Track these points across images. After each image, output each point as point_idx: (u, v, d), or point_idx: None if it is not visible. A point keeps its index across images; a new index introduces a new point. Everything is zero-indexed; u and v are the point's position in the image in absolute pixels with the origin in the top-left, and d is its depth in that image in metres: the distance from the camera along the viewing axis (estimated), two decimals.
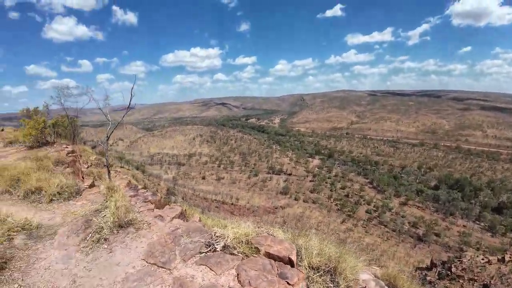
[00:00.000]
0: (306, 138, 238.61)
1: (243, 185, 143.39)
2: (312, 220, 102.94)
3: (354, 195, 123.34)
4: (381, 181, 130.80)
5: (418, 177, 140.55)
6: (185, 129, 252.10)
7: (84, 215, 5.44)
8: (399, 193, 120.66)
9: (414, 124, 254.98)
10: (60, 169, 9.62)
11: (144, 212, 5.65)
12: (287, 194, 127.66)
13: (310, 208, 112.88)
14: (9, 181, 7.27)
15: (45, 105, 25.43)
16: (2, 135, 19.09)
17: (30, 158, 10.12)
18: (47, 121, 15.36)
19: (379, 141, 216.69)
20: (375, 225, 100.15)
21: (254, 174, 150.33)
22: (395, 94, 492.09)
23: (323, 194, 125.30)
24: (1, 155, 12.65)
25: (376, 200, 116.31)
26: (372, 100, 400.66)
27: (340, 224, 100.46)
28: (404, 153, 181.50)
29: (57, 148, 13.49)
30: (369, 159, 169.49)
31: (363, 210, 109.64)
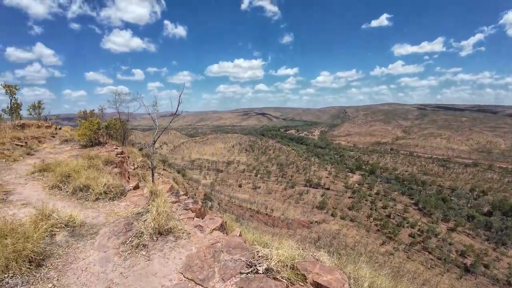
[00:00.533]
0: (347, 152, 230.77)
1: (279, 196, 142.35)
2: (348, 238, 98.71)
3: (396, 216, 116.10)
4: (428, 203, 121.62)
5: (469, 201, 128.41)
6: (225, 137, 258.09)
7: (126, 217, 5.51)
8: (447, 217, 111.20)
9: (467, 142, 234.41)
10: (108, 168, 10.02)
11: (184, 220, 5.58)
12: (324, 209, 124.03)
13: (347, 226, 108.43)
14: (60, 176, 7.60)
15: (100, 108, 27.22)
16: (59, 133, 20.67)
17: (82, 157, 10.68)
18: (101, 123, 16.28)
19: (428, 159, 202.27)
20: (418, 250, 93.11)
21: (291, 186, 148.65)
22: (447, 109, 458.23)
23: (362, 212, 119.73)
24: (56, 152, 13.60)
25: (421, 223, 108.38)
26: (420, 114, 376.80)
27: (379, 246, 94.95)
28: (455, 174, 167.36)
29: (107, 148, 14.23)
30: (416, 178, 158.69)
31: (406, 233, 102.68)
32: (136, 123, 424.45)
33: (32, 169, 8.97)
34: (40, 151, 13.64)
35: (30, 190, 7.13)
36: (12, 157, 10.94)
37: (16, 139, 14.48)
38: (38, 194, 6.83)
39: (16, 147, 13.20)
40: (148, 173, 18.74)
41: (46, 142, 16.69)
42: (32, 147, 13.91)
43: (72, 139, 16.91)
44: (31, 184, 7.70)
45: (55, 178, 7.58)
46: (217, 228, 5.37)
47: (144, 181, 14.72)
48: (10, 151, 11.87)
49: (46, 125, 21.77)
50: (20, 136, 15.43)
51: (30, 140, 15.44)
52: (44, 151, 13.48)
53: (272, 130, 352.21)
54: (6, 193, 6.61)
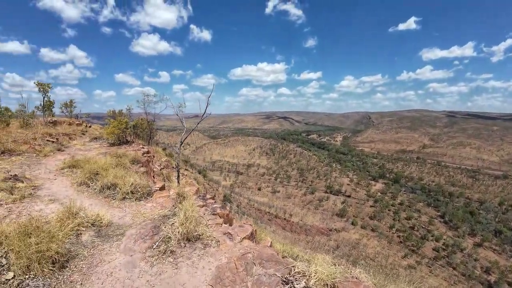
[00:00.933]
0: (370, 159, 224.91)
1: (298, 201, 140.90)
2: (369, 249, 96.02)
3: (420, 228, 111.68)
4: (454, 215, 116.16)
5: (498, 215, 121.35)
6: (247, 140, 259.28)
7: (152, 219, 5.43)
8: (474, 231, 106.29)
9: (498, 152, 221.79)
10: (135, 167, 10.11)
11: (212, 226, 5.37)
12: (344, 217, 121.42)
13: (367, 236, 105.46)
14: (88, 174, 7.66)
15: (128, 108, 27.89)
16: (89, 131, 21.18)
17: (110, 154, 10.81)
18: (129, 123, 16.58)
19: (456, 169, 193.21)
20: (442, 265, 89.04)
21: (311, 192, 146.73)
22: (477, 117, 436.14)
23: (384, 223, 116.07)
24: (85, 149, 13.92)
25: (446, 237, 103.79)
26: (449, 122, 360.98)
27: (401, 258, 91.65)
28: (485, 186, 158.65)
29: (134, 147, 14.41)
30: (442, 189, 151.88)
31: (430, 247, 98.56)
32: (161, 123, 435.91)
33: (61, 165, 9.12)
34: (70, 147, 13.97)
35: (58, 186, 7.20)
36: (43, 152, 11.17)
37: (47, 135, 14.87)
38: (66, 190, 6.91)
39: (47, 143, 13.53)
40: (173, 173, 18.88)
41: (76, 139, 17.15)
42: (63, 144, 14.27)
43: (101, 137, 17.34)
44: (60, 179, 7.81)
45: (83, 175, 7.66)
46: (247, 237, 5.13)
47: (168, 181, 14.67)
48: (41, 147, 12.20)
49: (76, 123, 22.43)
50: (51, 132, 15.79)
51: (61, 136, 15.90)
52: (74, 148, 13.84)
53: (293, 134, 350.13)
54: (35, 188, 6.68)
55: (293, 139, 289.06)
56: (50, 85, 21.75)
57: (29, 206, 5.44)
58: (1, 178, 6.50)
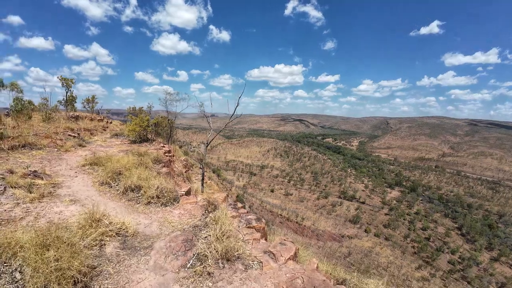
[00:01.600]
0: (387, 165, 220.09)
1: (311, 205, 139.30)
2: (381, 258, 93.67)
3: (436, 240, 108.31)
4: (472, 228, 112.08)
5: None
6: (261, 141, 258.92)
7: (182, 229, 4.95)
8: (491, 245, 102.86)
9: None
10: (157, 167, 9.81)
11: (250, 242, 4.81)
12: (357, 223, 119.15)
13: (381, 245, 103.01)
14: (111, 173, 7.34)
15: (149, 106, 27.73)
16: (110, 127, 21.26)
17: (132, 153, 10.57)
18: (150, 120, 16.48)
19: (476, 180, 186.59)
20: (456, 279, 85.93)
21: (324, 196, 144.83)
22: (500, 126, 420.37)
23: (399, 232, 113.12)
24: (107, 145, 13.72)
25: (463, 250, 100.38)
26: (471, 130, 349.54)
27: (415, 270, 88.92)
28: (505, 198, 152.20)
29: (155, 146, 14.13)
30: (461, 200, 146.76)
31: (445, 259, 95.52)
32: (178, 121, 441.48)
33: (83, 161, 8.91)
34: (92, 143, 13.86)
35: (79, 184, 6.88)
36: (64, 147, 11.05)
37: (69, 130, 14.85)
38: (87, 189, 6.58)
39: (69, 137, 13.45)
40: (193, 174, 18.38)
41: (98, 134, 17.20)
42: (84, 139, 14.26)
43: (121, 133, 17.29)
44: (81, 177, 7.48)
45: (105, 174, 7.36)
46: (291, 257, 4.53)
47: (189, 181, 14.32)
48: (63, 141, 12.07)
49: (98, 119, 22.70)
50: (73, 127, 15.85)
51: (82, 131, 15.93)
52: (95, 144, 13.69)
53: (308, 137, 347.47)
54: (55, 185, 6.35)
55: (308, 142, 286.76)
56: (74, 80, 22.06)
57: (48, 206, 5.08)
58: (20, 174, 6.19)
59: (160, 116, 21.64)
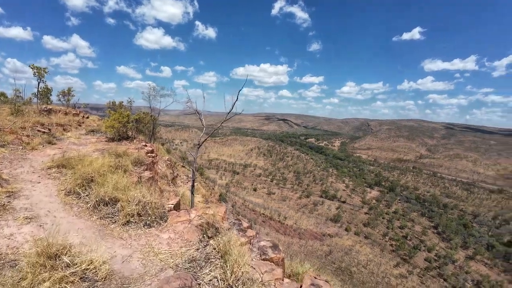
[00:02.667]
0: (367, 166, 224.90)
1: (293, 204, 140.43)
2: (361, 256, 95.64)
3: (413, 238, 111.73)
4: (448, 227, 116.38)
5: (491, 229, 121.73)
6: (245, 140, 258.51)
7: (174, 265, 3.70)
8: (467, 244, 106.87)
9: (494, 166, 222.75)
10: (138, 170, 8.74)
11: (272, 285, 3.59)
12: (338, 222, 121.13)
13: (360, 243, 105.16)
14: (80, 179, 6.11)
15: (130, 101, 26.41)
16: (86, 123, 19.64)
17: (109, 152, 9.48)
18: (131, 116, 15.02)
19: (451, 181, 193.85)
20: (433, 276, 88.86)
21: (306, 195, 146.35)
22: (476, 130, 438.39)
23: (378, 230, 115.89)
24: (80, 143, 12.32)
25: (439, 248, 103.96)
26: (447, 134, 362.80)
27: (393, 267, 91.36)
28: (479, 199, 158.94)
29: (136, 145, 12.99)
30: (437, 200, 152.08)
31: (422, 257, 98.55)
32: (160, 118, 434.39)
33: (49, 163, 7.64)
34: (64, 140, 12.62)
35: (41, 193, 5.78)
36: (31, 144, 9.89)
37: (39, 125, 13.56)
38: (50, 201, 5.48)
39: (38, 133, 12.22)
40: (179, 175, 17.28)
41: (72, 130, 15.81)
42: (55, 135, 12.97)
43: (98, 130, 16.03)
44: (44, 183, 6.36)
45: (74, 180, 6.15)
46: None
47: (174, 185, 13.28)
48: (30, 138, 10.86)
49: (73, 113, 21.03)
50: (44, 121, 14.46)
51: (54, 127, 14.56)
52: (68, 141, 12.40)
53: (292, 137, 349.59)
54: (11, 195, 5.34)
55: (291, 142, 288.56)
56: (47, 69, 20.18)
57: None
58: None
59: (142, 112, 20.22)
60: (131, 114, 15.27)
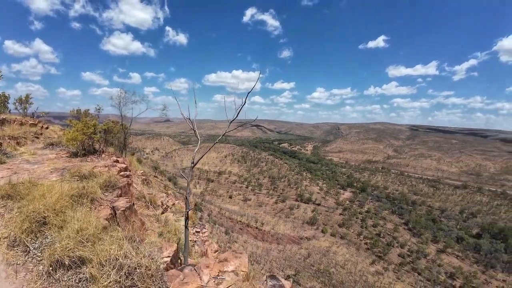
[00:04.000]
0: (339, 168, 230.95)
1: (269, 209, 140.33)
2: (338, 256, 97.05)
3: (386, 235, 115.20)
4: (417, 223, 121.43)
5: (459, 222, 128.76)
6: (218, 147, 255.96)
7: None
8: (437, 238, 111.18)
9: (457, 164, 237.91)
10: (110, 197, 7.17)
11: None
12: (314, 225, 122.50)
13: (337, 244, 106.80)
14: (28, 221, 4.47)
15: (98, 108, 24.56)
16: (45, 134, 17.48)
17: (71, 173, 7.88)
18: (98, 126, 13.26)
19: (418, 179, 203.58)
20: (407, 271, 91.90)
21: (282, 200, 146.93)
22: (438, 131, 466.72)
23: (353, 230, 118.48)
24: (35, 160, 10.39)
25: (411, 243, 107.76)
26: (412, 135, 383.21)
27: (369, 265, 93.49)
28: (445, 195, 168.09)
29: (105, 160, 11.38)
30: (406, 198, 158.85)
31: (396, 253, 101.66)
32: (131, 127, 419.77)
33: None
34: (15, 157, 10.72)
35: None
36: None
37: None
38: None
39: None
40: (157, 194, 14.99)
41: (27, 144, 13.86)
42: (6, 151, 11.01)
43: (59, 142, 13.95)
44: None
45: (19, 222, 4.51)
46: None
47: (153, 207, 11.79)
48: None
49: (31, 123, 18.59)
50: None
51: (6, 140, 12.61)
52: (20, 159, 10.52)
53: (265, 142, 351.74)
54: None
55: (265, 147, 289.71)
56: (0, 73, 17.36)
57: None
58: None
59: (111, 121, 18.15)
60: (98, 123, 13.52)
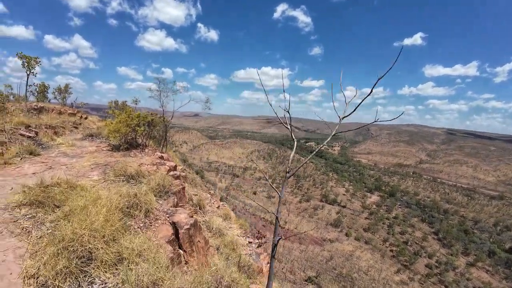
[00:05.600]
0: (367, 170, 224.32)
1: (293, 208, 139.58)
2: (362, 262, 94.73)
3: (414, 244, 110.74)
4: (448, 233, 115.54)
5: (492, 235, 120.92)
6: (245, 143, 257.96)
7: None
8: (467, 250, 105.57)
9: (495, 172, 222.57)
10: (165, 206, 6.01)
11: None
12: (338, 227, 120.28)
13: (361, 248, 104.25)
14: (65, 256, 3.06)
15: (135, 100, 23.25)
16: (84, 124, 16.81)
17: (115, 172, 6.91)
18: (142, 117, 12.12)
19: (451, 186, 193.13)
20: (434, 283, 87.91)
21: (306, 199, 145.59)
22: (476, 136, 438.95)
23: (378, 236, 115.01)
24: (74, 153, 9.35)
25: (439, 254, 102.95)
26: (447, 139, 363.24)
27: (394, 274, 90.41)
28: (480, 205, 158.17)
29: (150, 156, 10.36)
30: (437, 206, 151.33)
31: (423, 263, 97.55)
32: None
33: (17, 196, 4.56)
34: (52, 148, 9.78)
35: None
36: (3, 156, 7.32)
37: (23, 126, 10.96)
38: None
39: (20, 138, 9.66)
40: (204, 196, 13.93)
41: (65, 134, 13.10)
42: (42, 141, 10.21)
43: (99, 134, 13.19)
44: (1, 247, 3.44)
45: (53, 257, 3.03)
46: None
47: (202, 212, 10.48)
48: (6, 146, 8.35)
49: (69, 112, 18.22)
50: (30, 122, 11.77)
51: (43, 129, 11.86)
52: (57, 151, 9.52)
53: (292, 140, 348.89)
54: None
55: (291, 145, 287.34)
56: (38, 59, 16.43)
57: None
58: None
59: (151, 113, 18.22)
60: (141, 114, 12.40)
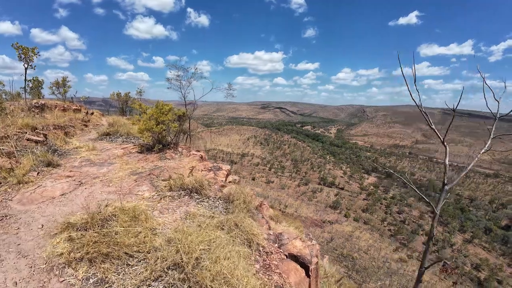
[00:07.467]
0: (363, 152, 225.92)
1: (292, 192, 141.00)
2: (361, 242, 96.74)
3: (411, 223, 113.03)
4: (445, 211, 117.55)
5: (488, 213, 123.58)
6: (241, 129, 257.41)
7: None
8: (464, 228, 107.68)
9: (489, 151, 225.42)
10: (262, 230, 4.87)
11: None
12: (337, 209, 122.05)
13: (360, 229, 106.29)
14: None
15: (139, 91, 21.82)
16: (92, 121, 15.43)
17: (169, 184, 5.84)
18: (173, 111, 10.61)
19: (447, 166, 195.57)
20: (432, 260, 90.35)
21: (304, 183, 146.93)
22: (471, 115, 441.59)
23: (376, 216, 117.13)
24: (101, 161, 7.87)
25: (437, 232, 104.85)
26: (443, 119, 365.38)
27: (393, 252, 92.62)
28: (475, 184, 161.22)
29: (189, 156, 9.28)
30: (434, 185, 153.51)
31: (420, 241, 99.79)
32: None
33: (60, 244, 3.44)
34: (70, 154, 8.35)
35: None
36: (16, 173, 5.79)
37: (29, 129, 9.15)
38: None
39: (28, 144, 8.05)
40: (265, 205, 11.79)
41: (76, 134, 11.63)
42: (55, 146, 8.72)
43: (115, 131, 12.01)
44: None
45: None
46: None
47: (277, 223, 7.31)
48: (15, 158, 6.60)
49: (74, 108, 16.22)
50: (36, 124, 9.86)
51: (51, 130, 10.22)
52: (78, 157, 8.04)
53: (288, 125, 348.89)
54: None
55: (287, 130, 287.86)
56: (36, 49, 14.09)
57: None
58: None
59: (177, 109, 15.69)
60: (173, 108, 10.83)
